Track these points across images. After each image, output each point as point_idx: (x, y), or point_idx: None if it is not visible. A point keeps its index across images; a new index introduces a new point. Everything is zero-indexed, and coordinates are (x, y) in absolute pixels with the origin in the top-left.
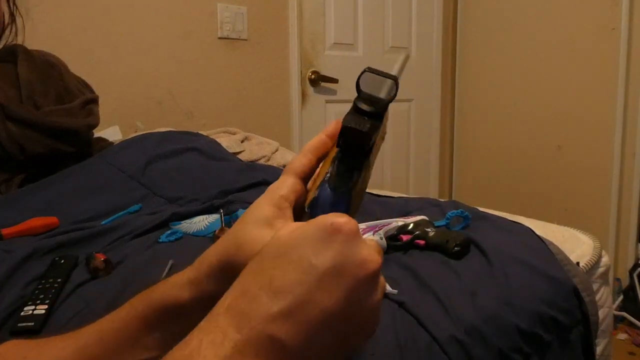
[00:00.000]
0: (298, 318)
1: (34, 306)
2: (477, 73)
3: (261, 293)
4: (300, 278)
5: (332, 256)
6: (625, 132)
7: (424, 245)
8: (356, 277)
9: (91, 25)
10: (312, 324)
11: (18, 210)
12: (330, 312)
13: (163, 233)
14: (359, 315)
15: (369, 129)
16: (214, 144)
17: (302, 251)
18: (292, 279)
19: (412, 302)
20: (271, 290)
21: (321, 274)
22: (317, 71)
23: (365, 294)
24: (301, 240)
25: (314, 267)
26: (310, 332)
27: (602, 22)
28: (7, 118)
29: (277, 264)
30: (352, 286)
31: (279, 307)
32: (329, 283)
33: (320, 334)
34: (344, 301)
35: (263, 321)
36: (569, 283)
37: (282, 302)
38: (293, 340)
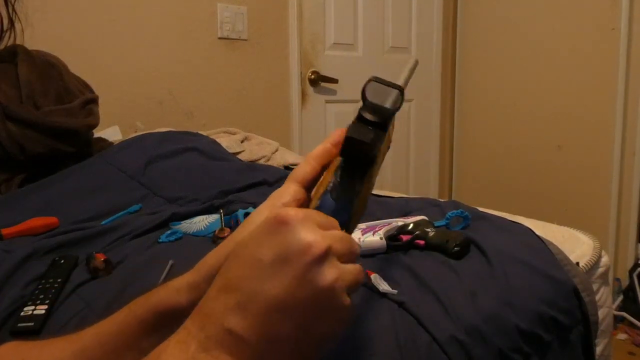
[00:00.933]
0: (251, 309)
1: (34, 306)
2: (477, 73)
3: (219, 293)
4: (247, 272)
5: (275, 246)
6: (625, 132)
7: (424, 245)
8: (301, 262)
9: (91, 25)
10: (265, 314)
11: (18, 210)
12: (281, 300)
13: (163, 233)
14: (313, 300)
15: (372, 139)
16: (214, 144)
17: (250, 248)
18: (242, 275)
19: (412, 302)
20: (226, 289)
21: (266, 265)
22: (317, 71)
23: (315, 278)
24: (250, 238)
25: (259, 260)
26: (265, 322)
27: (602, 22)
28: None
29: (232, 265)
30: (298, 272)
31: (233, 302)
32: (274, 272)
33: (276, 323)
34: (293, 287)
35: (221, 316)
36: (569, 283)
37: (235, 297)
38: (250, 332)
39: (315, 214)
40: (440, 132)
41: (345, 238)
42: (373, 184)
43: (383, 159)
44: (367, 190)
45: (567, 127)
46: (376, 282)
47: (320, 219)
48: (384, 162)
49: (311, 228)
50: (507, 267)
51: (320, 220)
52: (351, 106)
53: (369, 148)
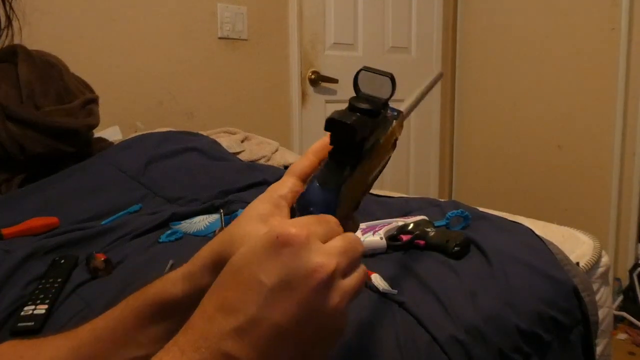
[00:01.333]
0: (251, 335)
1: (34, 306)
2: (477, 73)
3: (216, 313)
4: (250, 296)
5: (279, 270)
6: (625, 132)
7: (424, 245)
8: (306, 288)
9: (91, 25)
10: (266, 340)
11: (18, 210)
12: (284, 327)
13: (163, 233)
14: (316, 325)
15: (354, 121)
16: (214, 144)
17: (250, 269)
18: (242, 298)
19: (412, 302)
20: (224, 310)
21: (269, 290)
22: (317, 71)
23: (320, 303)
24: (250, 257)
25: (262, 284)
26: (265, 348)
27: (602, 22)
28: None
29: (230, 284)
30: (303, 299)
31: (232, 326)
32: (277, 298)
33: (276, 349)
34: (297, 315)
35: (218, 340)
36: (569, 283)
37: (235, 321)
38: (248, 357)
39: (316, 224)
40: (440, 132)
41: (349, 247)
42: (370, 178)
43: (385, 158)
44: (360, 181)
45: (567, 127)
46: (376, 282)
47: (321, 230)
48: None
49: (315, 248)
50: (507, 267)
51: (322, 231)
52: None
53: (349, 129)
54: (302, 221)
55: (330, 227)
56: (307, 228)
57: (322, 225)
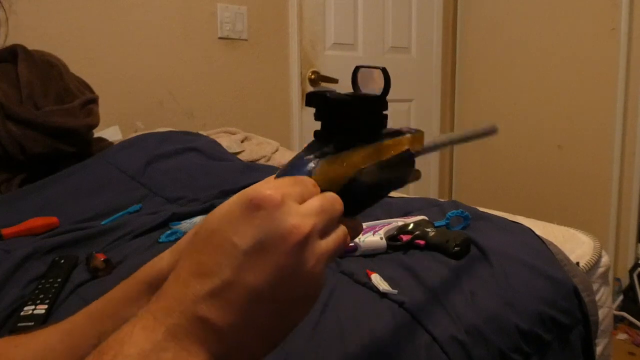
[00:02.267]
0: (226, 299)
1: (34, 306)
2: (477, 73)
3: (190, 277)
4: (224, 259)
5: (253, 233)
6: (625, 132)
7: (424, 245)
8: (281, 250)
9: (91, 25)
10: (241, 304)
11: (18, 210)
12: (259, 290)
13: (163, 233)
14: (292, 288)
15: (333, 95)
16: (214, 144)
17: (224, 232)
18: (216, 261)
19: (412, 302)
20: (198, 274)
21: (243, 253)
22: (317, 71)
23: (295, 266)
24: (224, 220)
25: (235, 246)
26: (241, 311)
27: (601, 23)
28: (7, 118)
29: (204, 247)
30: (279, 261)
31: (206, 290)
32: (253, 261)
33: (252, 312)
34: (272, 277)
35: (192, 304)
36: (569, 283)
37: (209, 284)
38: (223, 321)
39: (291, 185)
40: (440, 132)
41: (327, 206)
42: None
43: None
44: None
45: (567, 127)
46: (376, 282)
47: (296, 191)
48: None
49: (290, 209)
50: (507, 267)
51: (297, 191)
52: None
53: (327, 102)
54: (276, 183)
55: (306, 188)
56: (282, 189)
57: (297, 186)
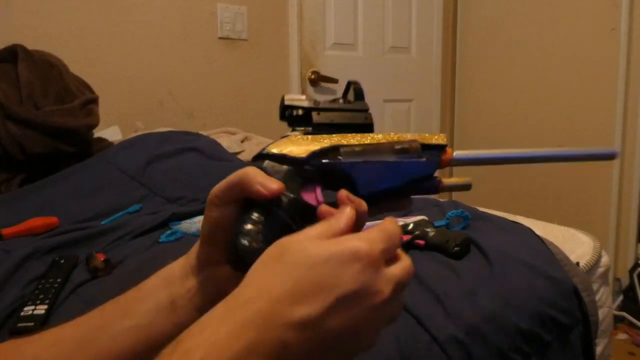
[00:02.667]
0: (313, 332)
1: (34, 306)
2: (477, 73)
3: (284, 299)
4: (322, 296)
5: (353, 282)
6: (625, 132)
7: (424, 245)
8: (369, 306)
9: (91, 25)
10: (323, 340)
11: (18, 210)
12: (341, 332)
13: (163, 233)
14: (363, 337)
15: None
16: (214, 144)
17: (328, 270)
18: (315, 294)
19: (412, 302)
20: (295, 300)
21: (341, 297)
22: (317, 71)
23: (373, 321)
24: (329, 258)
25: (336, 288)
26: (319, 346)
27: (601, 23)
28: (7, 118)
29: (304, 274)
30: (364, 313)
31: (298, 317)
32: (345, 306)
33: (327, 350)
34: (354, 326)
35: (281, 325)
36: (569, 283)
37: (303, 313)
38: (302, 351)
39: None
40: (440, 132)
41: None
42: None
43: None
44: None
45: (567, 127)
46: None
47: (390, 248)
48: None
49: (384, 273)
50: (507, 267)
51: (390, 248)
52: None
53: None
54: (376, 237)
55: (395, 244)
56: (380, 247)
57: (390, 242)
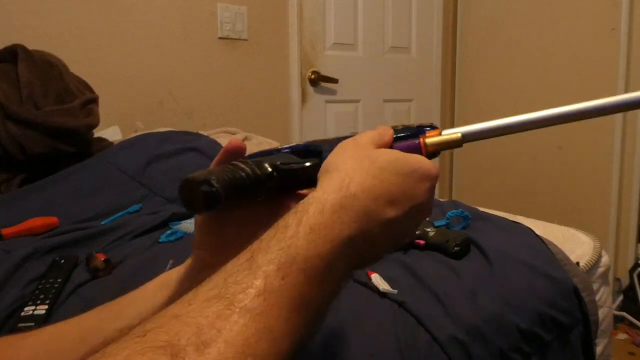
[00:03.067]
0: (393, 229)
1: (34, 306)
2: (477, 73)
3: (381, 199)
4: (406, 201)
5: (424, 195)
6: (625, 132)
7: (424, 245)
8: (423, 216)
9: (91, 25)
10: (394, 234)
11: (18, 210)
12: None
13: (163, 233)
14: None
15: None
16: (214, 144)
17: (411, 181)
18: (402, 200)
19: (412, 302)
20: (388, 201)
21: (416, 205)
22: (317, 71)
23: (417, 226)
24: (414, 171)
25: (415, 197)
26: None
27: (601, 23)
28: (7, 118)
29: (395, 181)
30: (419, 219)
31: (390, 216)
32: (415, 212)
33: (391, 241)
34: (413, 227)
35: (376, 222)
36: (569, 283)
37: (393, 214)
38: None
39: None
40: None
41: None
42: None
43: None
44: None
45: (567, 127)
46: (376, 282)
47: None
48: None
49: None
50: (507, 267)
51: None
52: (351, 106)
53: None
54: (431, 163)
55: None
56: (438, 172)
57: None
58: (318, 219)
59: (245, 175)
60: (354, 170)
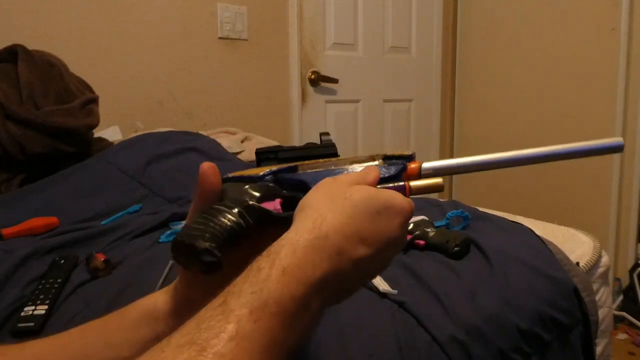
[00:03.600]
0: (365, 266)
1: (34, 306)
2: (477, 73)
3: (353, 238)
4: (379, 239)
5: (398, 231)
6: (625, 132)
7: (424, 245)
8: (397, 250)
9: (91, 25)
10: (367, 270)
11: (18, 210)
12: (379, 265)
13: (163, 233)
14: (381, 269)
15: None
16: (214, 144)
17: (384, 218)
18: (374, 237)
19: (412, 302)
20: (360, 239)
21: (390, 241)
22: (317, 71)
23: (391, 261)
24: (386, 207)
25: (388, 233)
26: (364, 275)
27: (602, 22)
28: (8, 118)
29: (368, 217)
30: (392, 254)
31: (362, 254)
32: (388, 248)
33: (365, 276)
34: (387, 262)
35: (348, 261)
36: (569, 283)
37: (365, 252)
38: (353, 280)
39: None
40: (440, 132)
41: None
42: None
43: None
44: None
45: (567, 127)
46: (376, 282)
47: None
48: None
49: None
50: (507, 267)
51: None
52: (351, 106)
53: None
54: (412, 203)
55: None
56: (410, 203)
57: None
58: (290, 260)
59: (237, 228)
60: (327, 209)
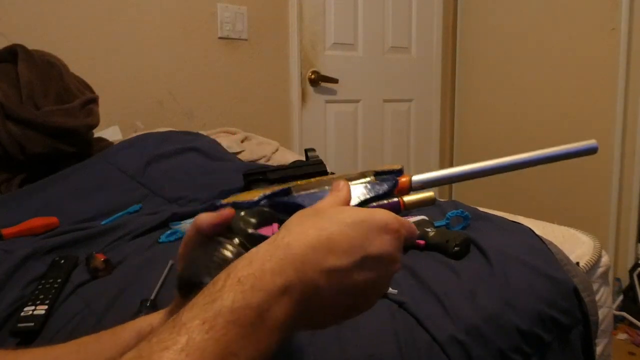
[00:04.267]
0: (340, 280)
1: (34, 306)
2: (477, 73)
3: (319, 247)
4: (353, 252)
5: (378, 248)
6: (625, 132)
7: (424, 245)
8: (386, 271)
9: (91, 25)
10: (346, 289)
11: (18, 210)
12: (361, 286)
13: (163, 233)
14: (370, 297)
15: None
16: (214, 144)
17: (361, 232)
18: (347, 249)
19: (412, 302)
20: (329, 249)
21: (367, 257)
22: (317, 71)
23: (381, 286)
24: (363, 225)
25: (365, 248)
26: (343, 294)
27: (602, 22)
28: (8, 118)
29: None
30: (381, 276)
31: (331, 265)
32: (369, 266)
33: (347, 298)
34: (372, 283)
35: (315, 271)
36: (569, 283)
37: (335, 262)
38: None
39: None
40: (440, 132)
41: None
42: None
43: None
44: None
45: (567, 127)
46: None
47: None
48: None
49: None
50: (507, 267)
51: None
52: (351, 106)
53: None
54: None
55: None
56: (404, 232)
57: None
58: (246, 270)
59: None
60: (295, 226)
